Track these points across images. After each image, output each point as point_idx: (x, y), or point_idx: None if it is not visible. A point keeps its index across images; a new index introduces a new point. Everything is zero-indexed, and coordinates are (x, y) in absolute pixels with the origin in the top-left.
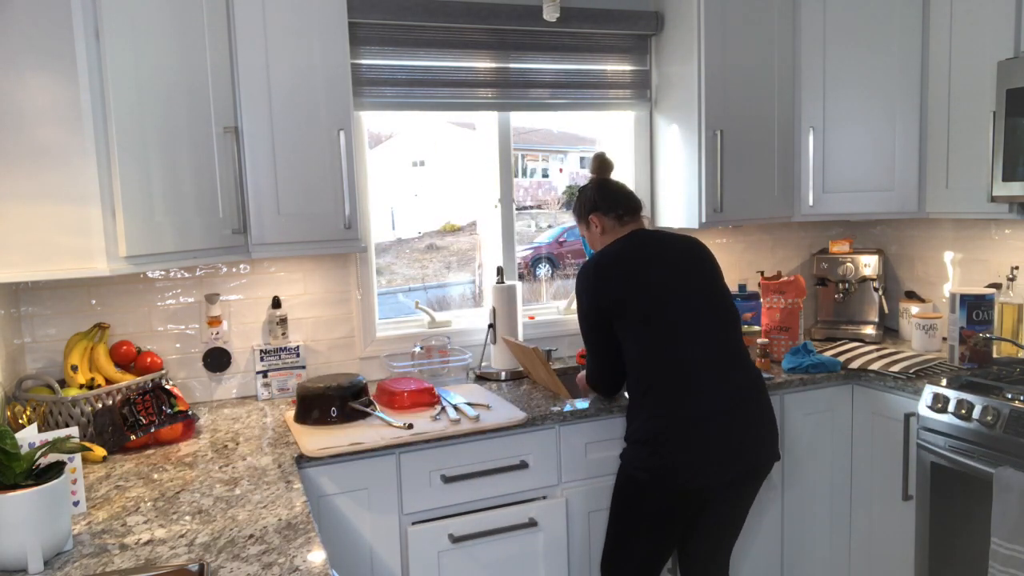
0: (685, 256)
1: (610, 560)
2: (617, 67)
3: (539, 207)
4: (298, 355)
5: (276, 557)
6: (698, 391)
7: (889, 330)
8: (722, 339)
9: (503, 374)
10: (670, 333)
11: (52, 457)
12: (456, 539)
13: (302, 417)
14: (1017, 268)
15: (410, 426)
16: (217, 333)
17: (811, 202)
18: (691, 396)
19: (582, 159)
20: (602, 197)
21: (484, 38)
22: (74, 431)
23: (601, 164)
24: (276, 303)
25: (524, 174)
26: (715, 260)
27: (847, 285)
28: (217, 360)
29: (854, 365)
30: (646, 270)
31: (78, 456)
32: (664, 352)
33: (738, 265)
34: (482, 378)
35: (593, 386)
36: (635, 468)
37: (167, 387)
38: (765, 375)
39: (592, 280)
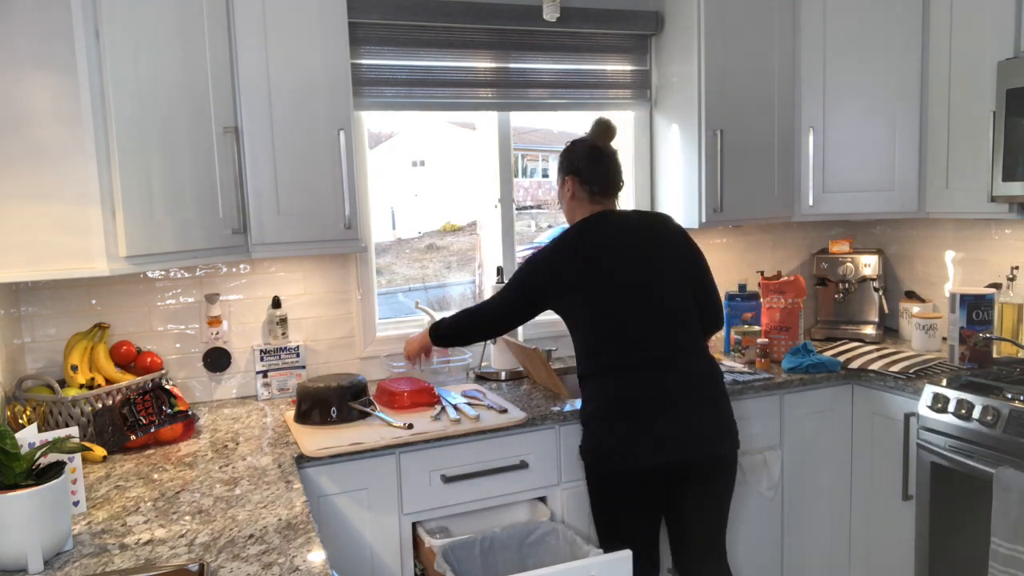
0: (649, 243)
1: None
2: (617, 67)
3: (539, 207)
4: (298, 355)
5: (276, 557)
6: (641, 377)
7: (889, 330)
8: (673, 331)
9: (503, 374)
10: (620, 321)
11: (52, 457)
12: None
13: (302, 417)
14: (1017, 268)
15: (410, 426)
16: (217, 333)
17: (811, 202)
18: (629, 381)
19: None
20: (586, 165)
21: (484, 38)
22: (74, 431)
23: (602, 130)
24: (276, 303)
25: (524, 174)
26: (691, 243)
27: (847, 285)
28: (217, 360)
29: (854, 365)
30: (603, 258)
31: (78, 456)
32: (610, 338)
33: (738, 265)
34: (482, 378)
35: (472, 320)
36: (583, 451)
37: (167, 387)
38: (765, 375)
39: (546, 260)
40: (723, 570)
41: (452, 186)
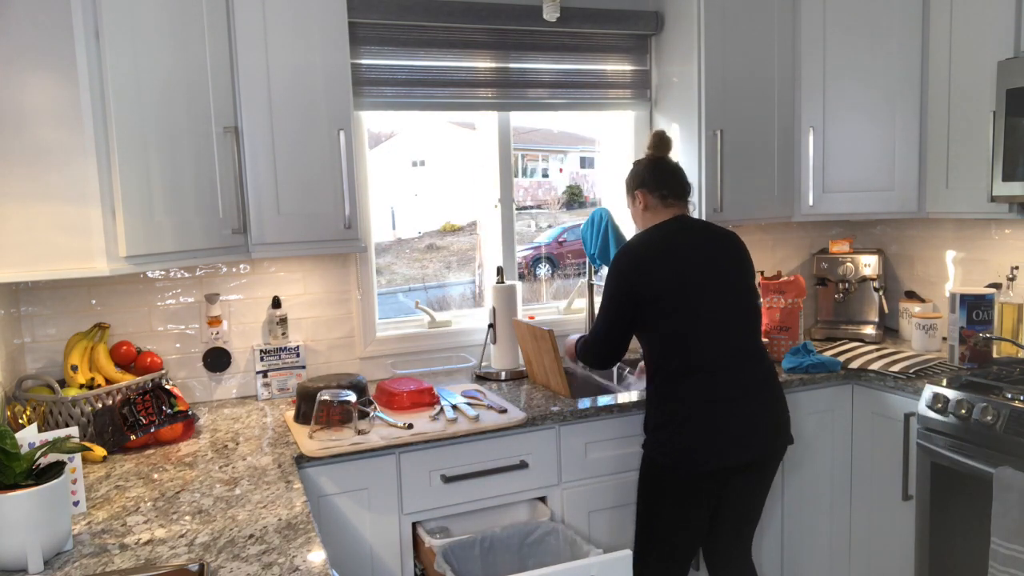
0: (722, 250)
1: (643, 551)
2: (617, 67)
3: (539, 207)
4: (298, 355)
5: (276, 557)
6: (715, 379)
7: (889, 330)
8: (743, 334)
9: (503, 374)
10: (695, 325)
11: (52, 457)
12: None
13: (302, 417)
14: (1017, 268)
15: (410, 426)
16: (217, 333)
17: (811, 202)
18: (707, 383)
19: (582, 159)
20: (651, 174)
21: (484, 38)
22: (74, 431)
23: (659, 142)
24: (276, 303)
25: (524, 174)
26: (749, 257)
27: (847, 285)
28: (217, 360)
29: (854, 365)
30: (683, 261)
31: (78, 456)
32: (687, 342)
33: None
34: (482, 378)
35: (590, 352)
36: (656, 452)
37: (167, 387)
38: None
39: (631, 265)
40: (750, 561)
41: (452, 186)
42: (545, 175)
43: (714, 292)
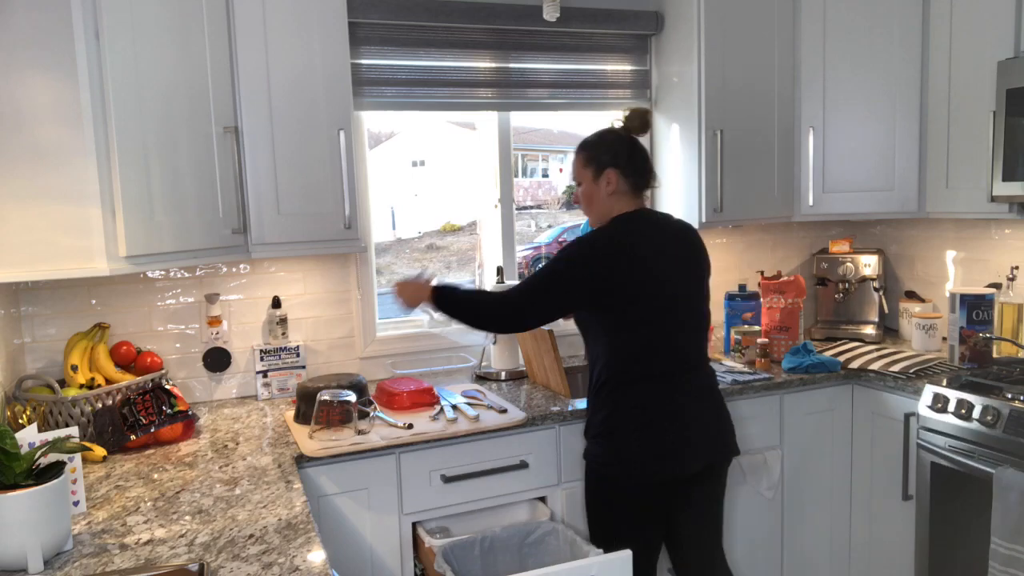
0: (685, 250)
1: None
2: (617, 67)
3: (539, 207)
4: (298, 355)
5: (276, 557)
6: (665, 387)
7: (889, 330)
8: (693, 341)
9: (503, 374)
10: (649, 331)
11: (52, 457)
12: None
13: (302, 417)
14: (1017, 268)
15: (410, 426)
16: (217, 333)
17: (811, 202)
18: (658, 391)
19: None
20: (629, 157)
21: (484, 38)
22: (74, 431)
23: (643, 123)
24: (276, 303)
25: (524, 174)
26: (707, 255)
27: (847, 285)
28: (217, 360)
29: (854, 365)
30: (647, 263)
31: (78, 456)
32: (640, 348)
33: (738, 265)
34: (482, 378)
35: (499, 305)
36: (603, 464)
37: (167, 387)
38: (765, 375)
39: (592, 257)
40: (725, 568)
41: (452, 186)
42: (545, 175)
43: (672, 299)
